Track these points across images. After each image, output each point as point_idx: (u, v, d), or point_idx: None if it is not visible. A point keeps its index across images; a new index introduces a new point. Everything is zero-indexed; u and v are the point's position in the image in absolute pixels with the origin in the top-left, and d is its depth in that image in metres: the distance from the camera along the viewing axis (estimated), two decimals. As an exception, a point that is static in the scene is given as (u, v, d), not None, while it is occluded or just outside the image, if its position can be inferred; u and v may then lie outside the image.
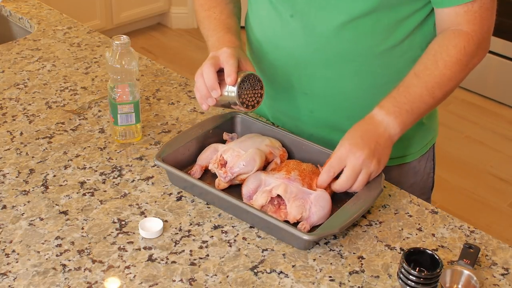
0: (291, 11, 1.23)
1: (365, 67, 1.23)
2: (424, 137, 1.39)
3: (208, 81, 1.16)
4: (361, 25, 1.18)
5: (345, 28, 1.19)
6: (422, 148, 1.40)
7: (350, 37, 1.20)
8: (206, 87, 1.17)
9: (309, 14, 1.21)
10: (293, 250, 1.07)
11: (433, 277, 0.96)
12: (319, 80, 1.26)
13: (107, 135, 1.35)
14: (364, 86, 1.25)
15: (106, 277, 1.01)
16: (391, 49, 1.22)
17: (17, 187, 1.19)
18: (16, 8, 1.89)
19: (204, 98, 1.19)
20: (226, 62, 1.17)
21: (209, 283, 1.00)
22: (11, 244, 1.07)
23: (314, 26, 1.21)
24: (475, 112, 3.53)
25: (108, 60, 1.24)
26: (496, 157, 3.19)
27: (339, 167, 1.13)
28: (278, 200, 1.11)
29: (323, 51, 1.23)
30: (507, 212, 2.83)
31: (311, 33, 1.22)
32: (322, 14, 1.20)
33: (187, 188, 1.19)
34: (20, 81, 1.54)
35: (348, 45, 1.21)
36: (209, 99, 1.18)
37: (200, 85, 1.18)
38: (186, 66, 3.85)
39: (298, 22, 1.23)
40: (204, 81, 1.17)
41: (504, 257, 1.08)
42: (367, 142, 1.13)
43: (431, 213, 1.17)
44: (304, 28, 1.22)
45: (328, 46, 1.22)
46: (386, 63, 1.23)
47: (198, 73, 1.19)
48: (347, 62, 1.23)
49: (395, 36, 1.21)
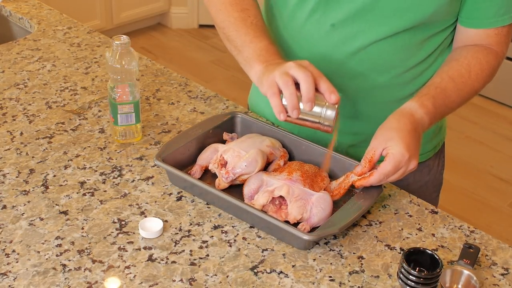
0: (333, 21, 1.20)
1: (397, 79, 1.25)
2: (438, 136, 1.41)
3: (308, 92, 1.04)
4: (399, 39, 1.19)
5: (384, 41, 1.19)
6: (436, 147, 1.42)
7: (388, 50, 1.20)
8: (297, 97, 1.05)
9: (352, 25, 1.19)
10: (293, 250, 1.07)
11: (433, 277, 0.96)
12: (349, 90, 1.25)
13: (107, 135, 1.35)
14: (391, 99, 1.26)
15: (106, 277, 1.01)
16: (421, 62, 1.24)
17: (17, 187, 1.19)
18: (16, 8, 1.89)
19: (291, 108, 1.06)
20: (321, 77, 1.07)
21: (209, 283, 1.00)
22: (11, 244, 1.07)
23: (354, 37, 1.19)
24: (475, 112, 3.53)
25: (108, 60, 1.24)
26: (496, 157, 3.19)
27: (394, 174, 1.09)
28: (279, 200, 1.11)
29: (359, 62, 1.22)
30: (507, 212, 2.83)
31: (350, 44, 1.20)
32: (364, 26, 1.18)
33: (187, 188, 1.19)
34: (20, 81, 1.54)
35: (384, 58, 1.21)
36: (295, 111, 1.06)
37: (291, 93, 1.05)
38: (186, 66, 3.85)
39: (338, 32, 1.20)
40: (294, 89, 1.05)
41: (504, 257, 1.08)
42: (417, 147, 1.11)
43: (431, 213, 1.17)
44: (344, 38, 1.20)
45: (365, 58, 1.21)
46: (415, 75, 1.25)
47: (284, 79, 1.05)
48: (379, 74, 1.24)
49: (425, 49, 1.23)
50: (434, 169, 1.43)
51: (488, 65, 1.21)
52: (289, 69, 1.06)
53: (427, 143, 1.38)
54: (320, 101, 1.07)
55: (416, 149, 1.11)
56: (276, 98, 1.07)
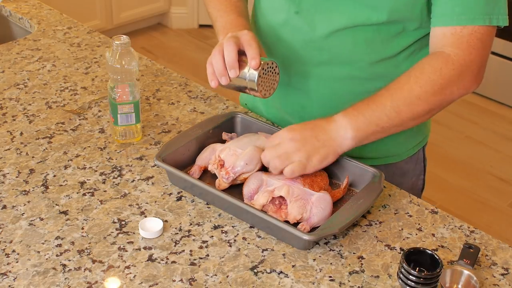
0: (297, 8, 1.23)
1: (358, 73, 1.25)
2: (410, 139, 1.38)
3: (229, 58, 1.12)
4: (361, 33, 1.20)
5: (344, 33, 1.20)
6: (409, 150, 1.39)
7: (348, 42, 1.21)
8: (224, 64, 1.13)
9: (314, 13, 1.22)
10: (293, 250, 1.07)
11: (433, 277, 0.96)
12: (312, 78, 1.27)
13: (107, 135, 1.35)
14: (356, 91, 1.25)
15: (106, 277, 1.01)
16: (386, 60, 1.23)
17: (17, 187, 1.19)
18: (16, 8, 1.89)
19: (218, 75, 1.15)
20: (249, 44, 1.13)
21: (209, 283, 1.00)
22: (11, 244, 1.07)
23: (316, 25, 1.22)
24: (475, 112, 3.53)
25: (108, 60, 1.24)
26: (496, 157, 3.19)
27: (273, 144, 1.14)
28: (279, 200, 1.11)
29: (320, 51, 1.24)
30: (507, 212, 2.83)
31: (312, 32, 1.23)
32: (326, 15, 1.20)
33: (187, 188, 1.19)
34: (20, 81, 1.54)
35: (344, 50, 1.22)
36: (223, 78, 1.14)
37: (217, 61, 1.14)
38: (186, 66, 3.85)
39: (301, 20, 1.23)
40: (222, 57, 1.13)
41: (504, 257, 1.08)
42: (304, 132, 1.12)
43: (431, 213, 1.17)
44: (306, 26, 1.23)
45: (326, 47, 1.23)
46: (379, 73, 1.24)
47: (217, 49, 1.14)
48: (341, 65, 1.24)
49: (391, 48, 1.22)
50: (409, 173, 1.42)
51: (431, 68, 1.13)
52: (224, 40, 1.15)
53: (397, 147, 1.36)
54: (247, 67, 1.14)
55: (310, 142, 1.12)
56: (209, 67, 1.16)
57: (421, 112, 1.15)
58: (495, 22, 1.13)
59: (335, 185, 1.23)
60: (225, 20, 1.27)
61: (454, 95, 1.15)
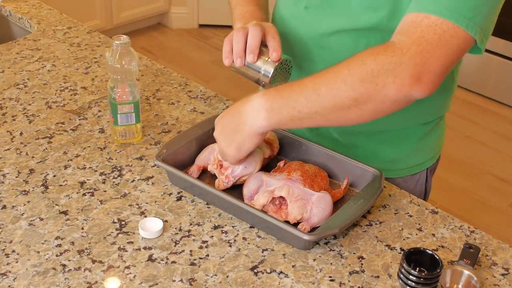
0: (306, 3, 1.22)
1: None
2: (410, 157, 1.31)
3: (252, 41, 1.12)
4: (362, 36, 1.15)
5: (346, 35, 1.17)
6: (409, 169, 1.32)
7: (349, 44, 1.18)
8: (244, 45, 1.12)
9: (321, 10, 1.20)
10: (293, 250, 1.07)
11: (433, 277, 0.96)
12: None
13: (107, 135, 1.35)
14: None
15: (106, 277, 1.01)
16: None
17: (17, 187, 1.19)
18: (16, 8, 1.89)
19: (235, 55, 1.13)
20: (273, 37, 1.14)
21: (209, 283, 1.00)
22: (11, 244, 1.07)
23: (320, 22, 1.21)
24: (476, 112, 3.53)
25: (108, 60, 1.24)
26: (497, 157, 3.19)
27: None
28: (280, 200, 1.11)
29: (322, 49, 1.23)
30: (507, 212, 2.82)
31: (316, 28, 1.22)
32: (331, 14, 1.19)
33: (187, 188, 1.19)
34: (20, 81, 1.54)
35: (345, 51, 1.17)
36: (239, 60, 1.13)
37: (238, 41, 1.12)
38: (186, 66, 3.85)
39: (309, 15, 1.22)
40: (244, 39, 1.12)
41: (504, 257, 1.08)
42: (224, 119, 1.11)
43: (431, 213, 1.17)
44: (312, 22, 1.22)
45: (327, 46, 1.22)
46: None
47: (241, 30, 1.13)
48: None
49: None
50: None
51: (368, 52, 0.98)
52: (249, 24, 1.14)
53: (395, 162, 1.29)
54: (264, 57, 1.14)
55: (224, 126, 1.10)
56: (227, 44, 1.15)
57: (344, 99, 0.98)
58: (464, 26, 0.95)
59: (335, 185, 1.23)
60: (245, 9, 1.26)
61: (387, 89, 0.96)
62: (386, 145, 1.29)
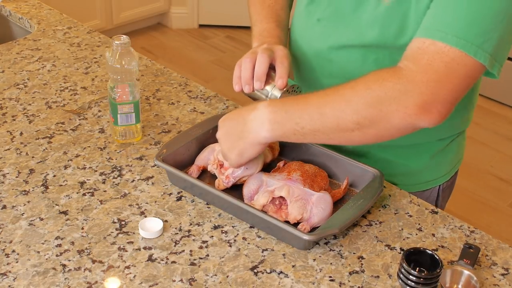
0: (319, 16, 1.22)
1: None
2: (421, 173, 1.29)
3: (259, 69, 1.13)
4: (371, 52, 1.14)
5: (354, 50, 1.16)
6: (419, 185, 1.30)
7: (357, 59, 1.17)
8: (252, 73, 1.14)
9: (332, 23, 1.20)
10: (293, 250, 1.07)
11: (433, 277, 0.96)
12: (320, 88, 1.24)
13: (107, 135, 1.35)
14: None
15: (106, 277, 1.01)
16: None
17: (17, 187, 1.19)
18: (16, 8, 1.89)
19: (243, 82, 1.15)
20: (281, 62, 1.14)
21: (209, 283, 1.00)
22: (11, 244, 1.07)
23: (330, 36, 1.20)
24: (476, 112, 3.50)
25: (108, 60, 1.24)
26: (497, 157, 3.19)
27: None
28: (280, 200, 1.11)
29: (330, 62, 1.22)
30: (507, 212, 2.82)
31: (325, 41, 1.21)
32: (340, 29, 1.18)
33: (187, 188, 1.19)
34: (20, 81, 1.54)
35: (353, 66, 1.18)
36: (247, 86, 1.15)
37: (246, 69, 1.14)
38: (186, 66, 3.85)
39: (321, 28, 1.22)
40: (252, 66, 1.13)
41: (504, 257, 1.08)
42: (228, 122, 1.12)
43: (431, 213, 1.17)
44: (323, 35, 1.21)
45: (335, 59, 1.20)
46: None
47: (250, 56, 1.14)
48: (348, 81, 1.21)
49: None
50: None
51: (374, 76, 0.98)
52: (258, 50, 1.15)
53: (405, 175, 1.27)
54: (273, 82, 1.16)
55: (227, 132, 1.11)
56: (237, 69, 1.16)
57: (347, 122, 0.98)
58: (473, 53, 0.92)
59: (335, 185, 1.23)
60: (264, 27, 1.26)
61: (390, 116, 0.95)
62: (396, 159, 1.27)
